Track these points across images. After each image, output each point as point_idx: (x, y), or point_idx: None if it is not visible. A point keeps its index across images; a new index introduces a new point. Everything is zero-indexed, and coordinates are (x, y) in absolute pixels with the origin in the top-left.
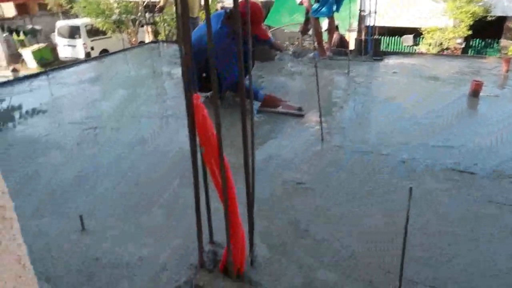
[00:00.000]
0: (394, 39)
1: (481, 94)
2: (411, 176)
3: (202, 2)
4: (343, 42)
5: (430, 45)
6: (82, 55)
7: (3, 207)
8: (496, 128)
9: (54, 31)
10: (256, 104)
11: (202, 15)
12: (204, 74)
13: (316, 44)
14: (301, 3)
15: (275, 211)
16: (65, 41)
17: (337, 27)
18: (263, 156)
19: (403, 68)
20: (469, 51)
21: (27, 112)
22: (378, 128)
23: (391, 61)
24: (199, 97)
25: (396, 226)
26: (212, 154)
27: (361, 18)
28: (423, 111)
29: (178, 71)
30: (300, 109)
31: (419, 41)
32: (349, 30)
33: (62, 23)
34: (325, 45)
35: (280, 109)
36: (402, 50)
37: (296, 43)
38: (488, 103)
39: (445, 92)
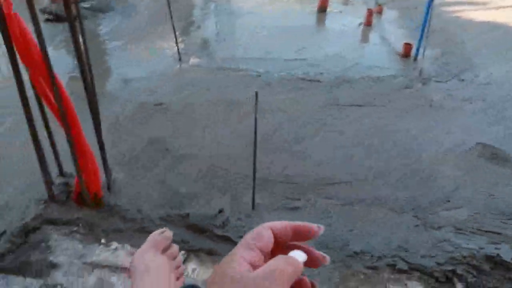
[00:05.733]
0: None
1: (328, 9)
2: (266, 87)
3: None
4: None
5: None
6: None
7: None
8: (340, 40)
9: None
10: None
11: None
12: None
13: None
14: None
15: (135, 134)
16: None
17: None
18: (117, 80)
19: None
20: None
21: None
22: (236, 44)
23: None
24: (11, 4)
25: (250, 133)
26: (40, 73)
27: None
28: (278, 27)
29: None
30: None
31: None
32: None
33: None
34: None
35: None
36: None
37: None
38: (333, 18)
39: (296, 10)
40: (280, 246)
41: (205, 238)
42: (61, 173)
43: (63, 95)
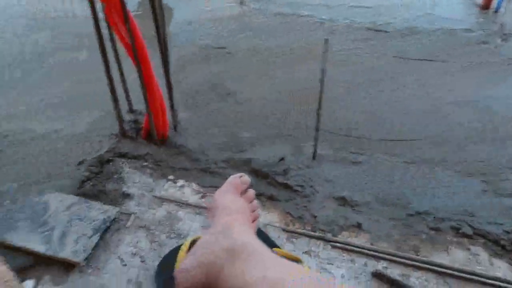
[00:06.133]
0: None
1: None
2: (330, 35)
3: None
4: None
5: None
6: None
7: None
8: None
9: None
10: None
11: None
12: None
13: None
14: None
15: (197, 76)
16: None
17: None
18: (180, 22)
19: None
20: None
21: None
22: None
23: None
24: None
25: (315, 82)
26: (114, 8)
27: None
28: None
29: None
30: None
31: None
32: None
33: None
34: None
35: None
36: None
37: None
38: None
39: None
40: None
41: (266, 184)
42: (131, 110)
43: (135, 31)
